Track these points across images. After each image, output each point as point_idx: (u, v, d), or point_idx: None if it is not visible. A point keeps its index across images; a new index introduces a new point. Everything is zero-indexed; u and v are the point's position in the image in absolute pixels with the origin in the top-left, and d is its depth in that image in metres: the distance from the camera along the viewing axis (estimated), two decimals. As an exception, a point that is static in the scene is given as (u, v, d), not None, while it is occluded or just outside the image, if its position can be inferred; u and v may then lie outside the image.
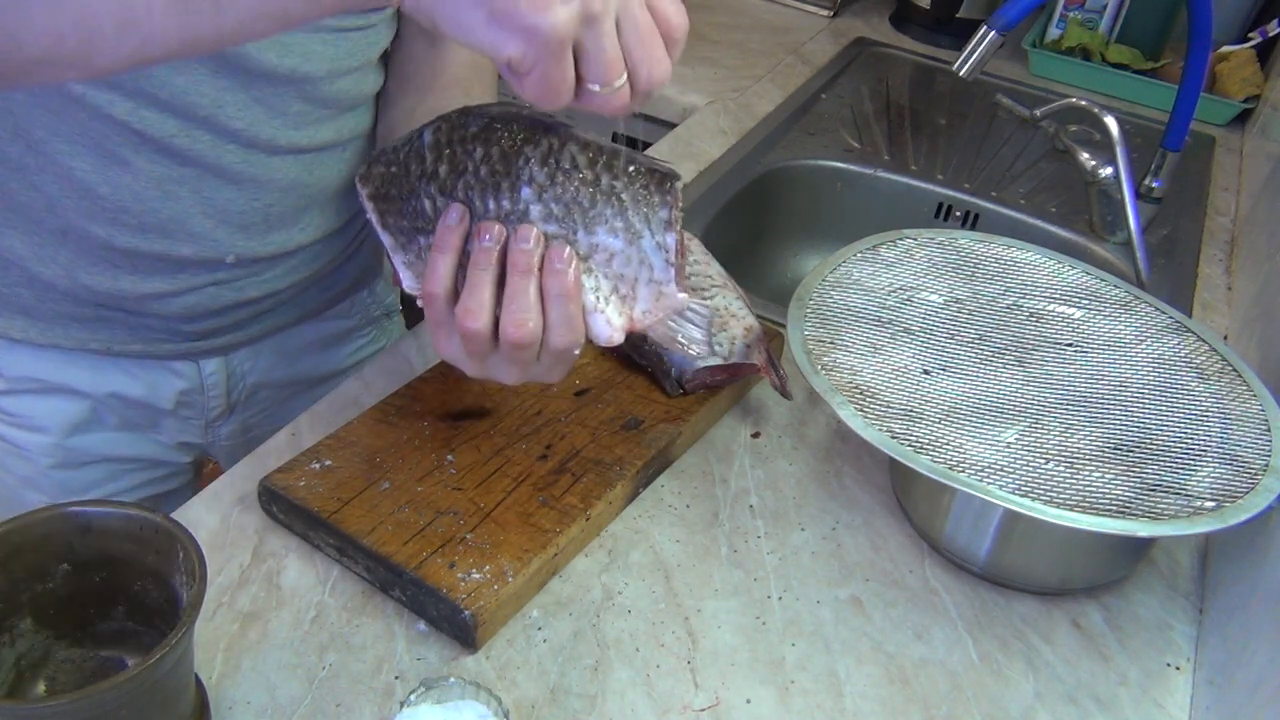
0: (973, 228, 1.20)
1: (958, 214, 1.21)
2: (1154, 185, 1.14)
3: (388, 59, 0.81)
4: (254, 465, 0.73)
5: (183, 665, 0.52)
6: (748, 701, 0.62)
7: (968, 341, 0.76)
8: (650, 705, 0.61)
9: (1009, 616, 0.69)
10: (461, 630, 0.62)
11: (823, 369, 0.71)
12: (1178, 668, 0.67)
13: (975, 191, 1.20)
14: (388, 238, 0.63)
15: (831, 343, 0.74)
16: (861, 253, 0.83)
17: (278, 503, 0.68)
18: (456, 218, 0.58)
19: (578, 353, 0.59)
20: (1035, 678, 0.66)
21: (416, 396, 0.76)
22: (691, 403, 0.79)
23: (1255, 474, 0.65)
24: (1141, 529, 0.62)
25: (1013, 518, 0.68)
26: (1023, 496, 0.63)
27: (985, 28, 0.98)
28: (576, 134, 0.58)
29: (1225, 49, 1.45)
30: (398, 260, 0.63)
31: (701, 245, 0.87)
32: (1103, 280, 0.83)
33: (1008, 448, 0.67)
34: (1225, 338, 1.00)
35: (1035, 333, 0.78)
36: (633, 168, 0.58)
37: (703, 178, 1.15)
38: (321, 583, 0.66)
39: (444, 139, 0.59)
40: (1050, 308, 0.80)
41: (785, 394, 0.79)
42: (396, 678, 0.61)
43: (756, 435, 0.81)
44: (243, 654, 0.61)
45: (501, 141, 0.58)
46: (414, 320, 1.01)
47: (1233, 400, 0.72)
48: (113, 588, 0.55)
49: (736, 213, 1.15)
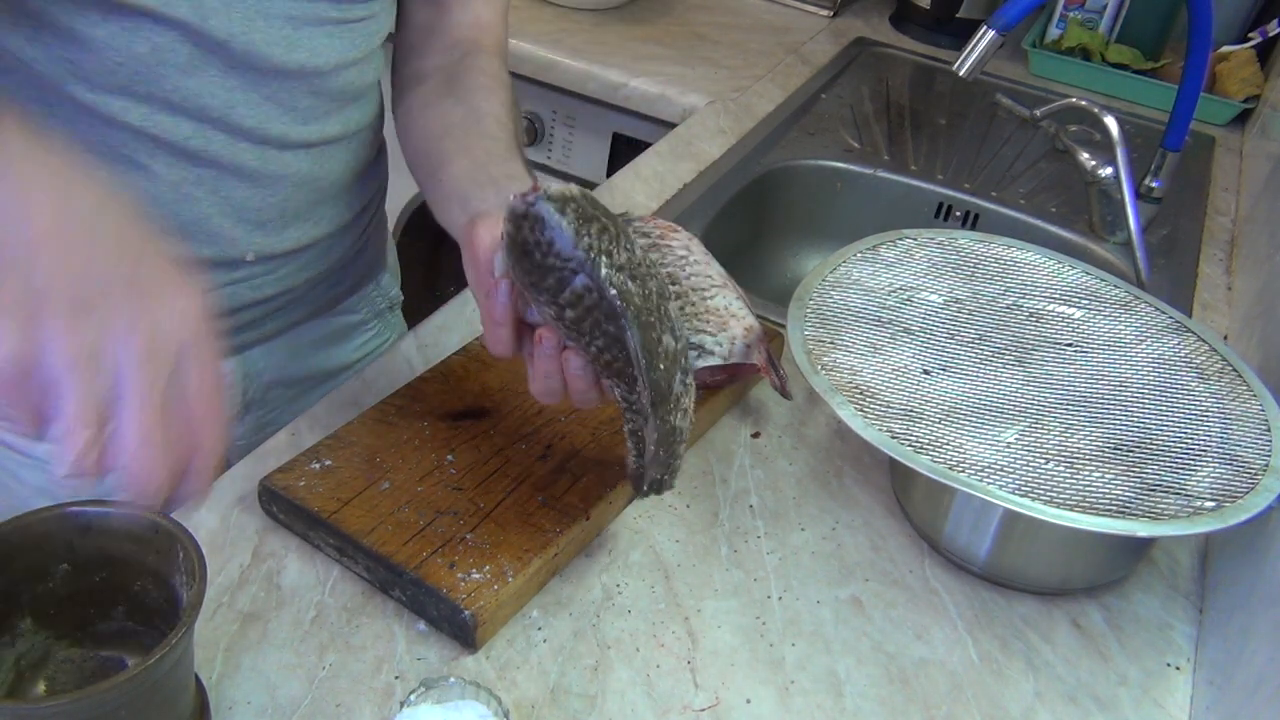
0: (973, 228, 1.20)
1: (958, 214, 1.21)
2: (1154, 185, 1.14)
3: (395, 33, 0.83)
4: (254, 465, 0.73)
5: (183, 665, 0.52)
6: (748, 701, 0.62)
7: (968, 341, 0.76)
8: (650, 705, 0.61)
9: (1009, 616, 0.69)
10: (461, 630, 0.62)
11: (823, 369, 0.71)
12: (1178, 668, 0.67)
13: (975, 191, 1.20)
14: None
15: (831, 343, 0.74)
16: (861, 253, 0.83)
17: (278, 503, 0.68)
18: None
19: None
20: (1035, 678, 0.66)
21: (416, 396, 0.76)
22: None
23: (1255, 474, 0.65)
24: (1141, 529, 0.62)
25: (1013, 518, 0.68)
26: (1023, 496, 0.63)
27: (985, 28, 0.98)
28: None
29: (1225, 49, 1.45)
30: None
31: (701, 245, 0.87)
32: (1103, 280, 0.83)
33: (1008, 448, 0.67)
34: (1225, 338, 1.00)
35: (1035, 333, 0.78)
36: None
37: (703, 178, 1.15)
38: (321, 583, 0.66)
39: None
40: (1050, 308, 0.80)
41: (785, 394, 0.79)
42: (396, 678, 0.61)
43: (756, 435, 0.81)
44: (243, 654, 0.61)
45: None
46: (414, 316, 1.02)
47: (1233, 400, 0.72)
48: (113, 588, 0.55)
49: (736, 213, 1.15)
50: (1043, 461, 0.66)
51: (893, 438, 0.66)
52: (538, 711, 0.60)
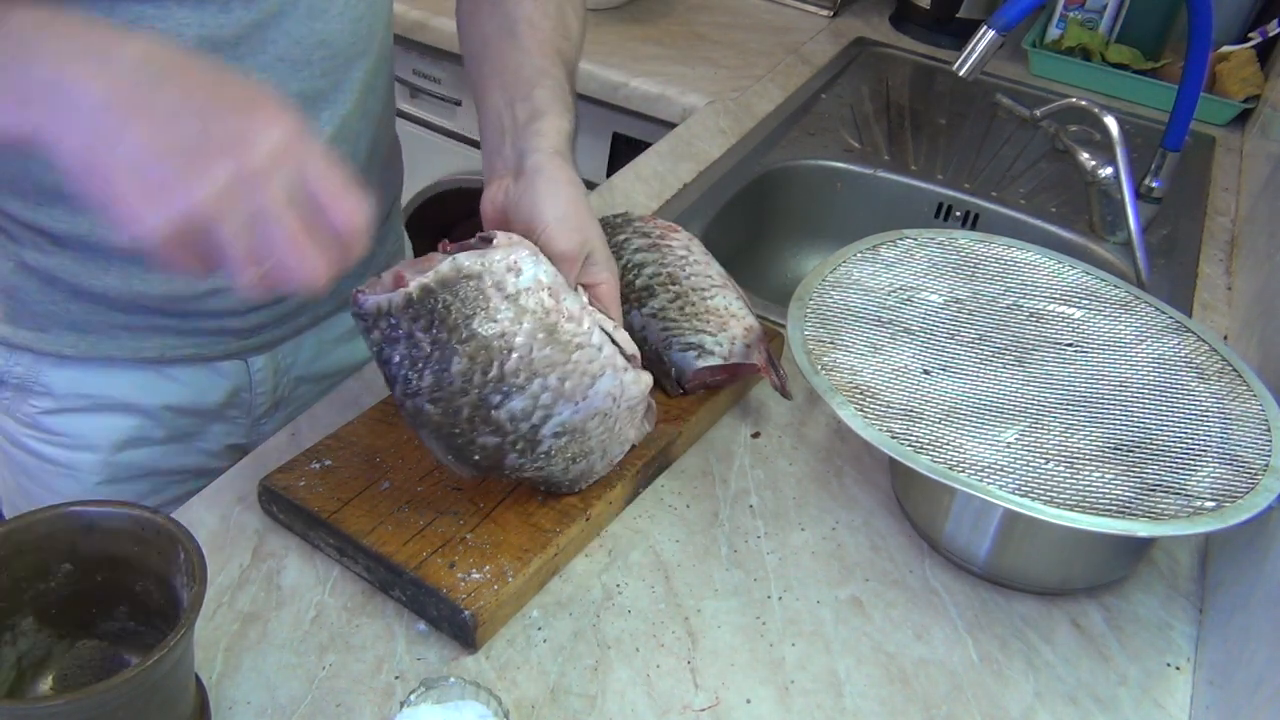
0: (973, 228, 1.20)
1: (958, 214, 1.21)
2: (1154, 185, 1.14)
3: None
4: (254, 465, 0.73)
5: (183, 666, 0.52)
6: (748, 701, 0.62)
7: (968, 341, 0.76)
8: (650, 705, 0.61)
9: (1009, 616, 0.69)
10: (461, 630, 0.62)
11: (823, 369, 0.71)
12: (1178, 668, 0.67)
13: (975, 191, 1.20)
14: None
15: (831, 343, 0.74)
16: (861, 253, 0.83)
17: (278, 503, 0.68)
18: None
19: None
20: (1035, 678, 0.66)
21: (417, 396, 0.76)
22: (691, 403, 0.79)
23: (1255, 474, 0.65)
24: (1141, 529, 0.62)
25: (1013, 518, 0.68)
26: (1023, 496, 0.63)
27: (985, 28, 0.98)
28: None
29: (1225, 49, 1.44)
30: None
31: (701, 245, 0.87)
32: (1103, 280, 0.83)
33: (1008, 448, 0.67)
34: (1225, 338, 1.00)
35: (1035, 333, 0.78)
36: None
37: (703, 178, 1.15)
38: (321, 583, 0.66)
39: None
40: (1050, 308, 0.80)
41: (785, 394, 0.79)
42: (396, 678, 0.61)
43: (756, 435, 0.81)
44: (243, 654, 0.61)
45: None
46: None
47: (1233, 400, 0.72)
48: (114, 588, 0.55)
49: (736, 213, 1.15)
50: (1043, 461, 0.66)
51: (893, 438, 0.66)
52: (538, 711, 0.60)
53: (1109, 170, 1.06)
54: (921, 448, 0.65)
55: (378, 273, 0.93)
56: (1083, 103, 1.09)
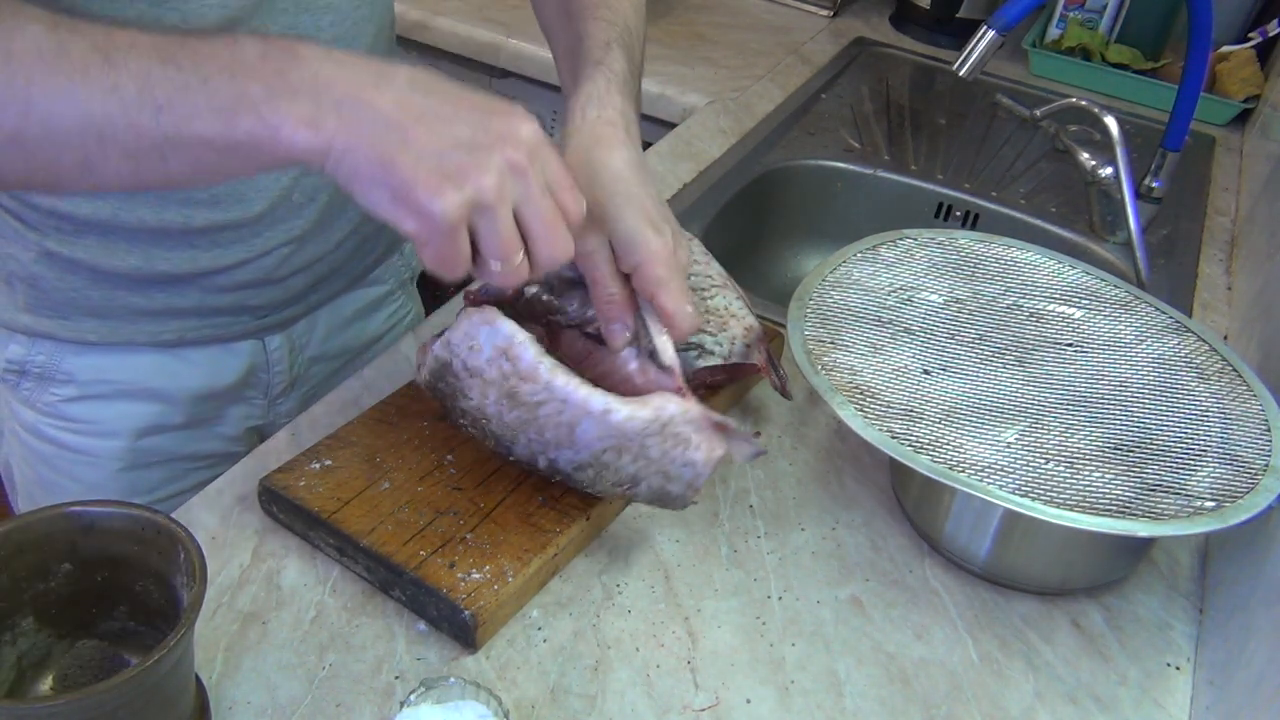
0: (973, 228, 1.20)
1: (958, 214, 1.21)
2: (1154, 185, 1.14)
3: None
4: (254, 465, 0.73)
5: (183, 666, 0.52)
6: (748, 701, 0.62)
7: (968, 341, 0.76)
8: (650, 705, 0.61)
9: (1009, 616, 0.69)
10: (461, 630, 0.62)
11: (823, 369, 0.71)
12: (1178, 668, 0.67)
13: (975, 191, 1.20)
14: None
15: (831, 343, 0.74)
16: (861, 253, 0.83)
17: (278, 503, 0.68)
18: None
19: None
20: (1035, 678, 0.66)
21: (416, 396, 0.76)
22: (691, 403, 0.79)
23: (1255, 474, 0.65)
24: (1141, 529, 0.62)
25: (1013, 518, 0.68)
26: (1023, 496, 0.63)
27: (985, 28, 0.98)
28: None
29: (1225, 49, 1.44)
30: None
31: (701, 245, 0.87)
32: (1103, 280, 0.83)
33: (1008, 448, 0.67)
34: (1225, 338, 1.00)
35: (1035, 333, 0.78)
36: None
37: (703, 178, 1.15)
38: (321, 583, 0.66)
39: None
40: (1050, 308, 0.80)
41: (785, 394, 0.79)
42: (396, 678, 0.61)
43: (757, 435, 0.81)
44: (243, 654, 0.61)
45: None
46: (430, 301, 1.03)
47: (1233, 400, 0.72)
48: (114, 587, 0.55)
49: (736, 213, 1.15)
50: (1043, 461, 0.66)
51: (893, 438, 0.66)
52: (538, 711, 0.60)
53: (1109, 170, 1.06)
54: (921, 448, 0.66)
55: (381, 258, 0.94)
56: (1083, 103, 1.09)
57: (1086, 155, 1.07)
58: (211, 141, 0.51)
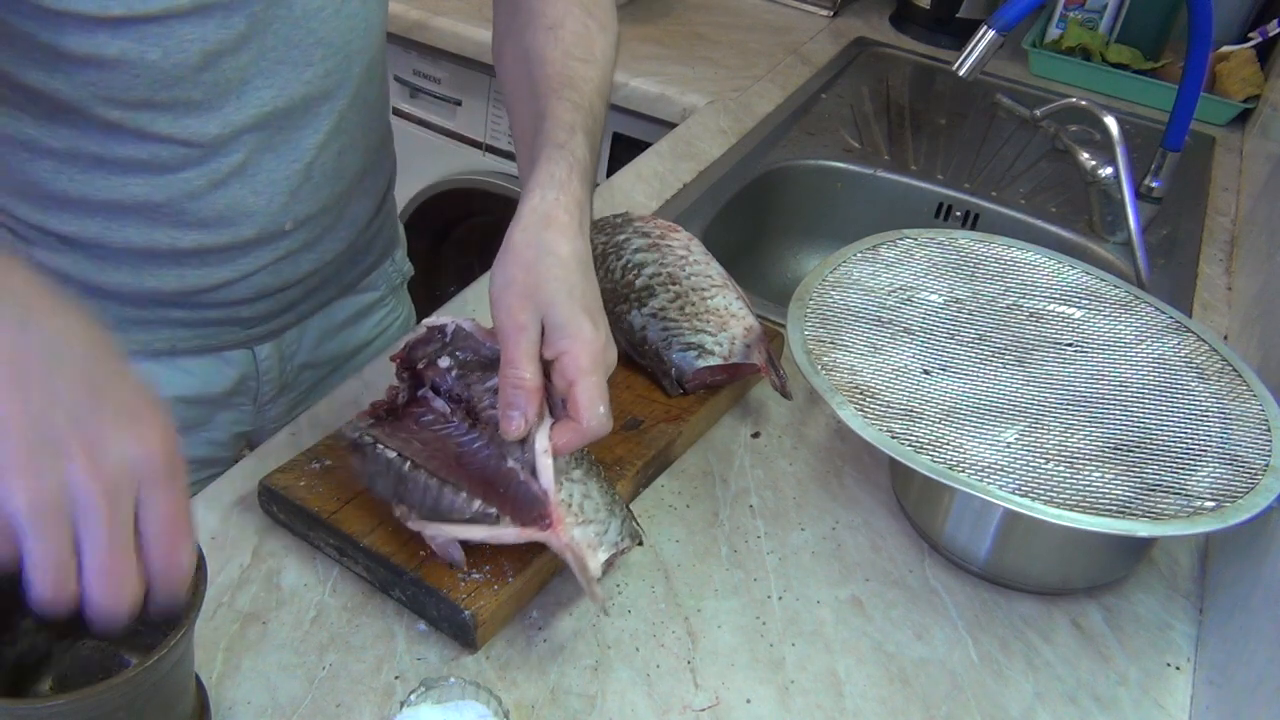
0: (973, 228, 1.20)
1: (958, 214, 1.21)
2: (1154, 185, 1.14)
3: None
4: (254, 465, 0.73)
5: (183, 666, 0.52)
6: (748, 701, 0.62)
7: (968, 341, 0.76)
8: (650, 705, 0.61)
9: (1009, 616, 0.69)
10: (461, 630, 0.62)
11: (823, 369, 0.71)
12: (1178, 668, 0.67)
13: (975, 191, 1.20)
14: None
15: (831, 343, 0.74)
16: (861, 253, 0.83)
17: (278, 503, 0.68)
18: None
19: None
20: (1035, 678, 0.66)
21: (416, 396, 0.76)
22: (691, 403, 0.79)
23: (1255, 474, 0.65)
24: (1141, 529, 0.62)
25: (1013, 518, 0.68)
26: (1023, 496, 0.63)
27: (985, 28, 0.98)
28: None
29: (1225, 49, 1.44)
30: None
31: (702, 245, 0.87)
32: (1103, 280, 0.83)
33: (1008, 448, 0.67)
34: (1225, 338, 1.00)
35: (1035, 333, 0.78)
36: None
37: (703, 178, 1.15)
38: (321, 583, 0.66)
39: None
40: (1050, 308, 0.80)
41: (785, 394, 0.79)
42: (396, 678, 0.61)
43: (756, 435, 0.81)
44: (243, 654, 0.61)
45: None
46: (422, 304, 1.03)
47: (1233, 400, 0.72)
48: (113, 588, 0.55)
49: (736, 213, 1.15)
50: (1043, 461, 0.66)
51: (893, 438, 0.66)
52: (538, 711, 0.60)
53: (1109, 170, 1.06)
54: (921, 448, 0.65)
55: (373, 266, 0.93)
56: (1083, 103, 1.09)
57: (1086, 155, 1.07)
58: None
